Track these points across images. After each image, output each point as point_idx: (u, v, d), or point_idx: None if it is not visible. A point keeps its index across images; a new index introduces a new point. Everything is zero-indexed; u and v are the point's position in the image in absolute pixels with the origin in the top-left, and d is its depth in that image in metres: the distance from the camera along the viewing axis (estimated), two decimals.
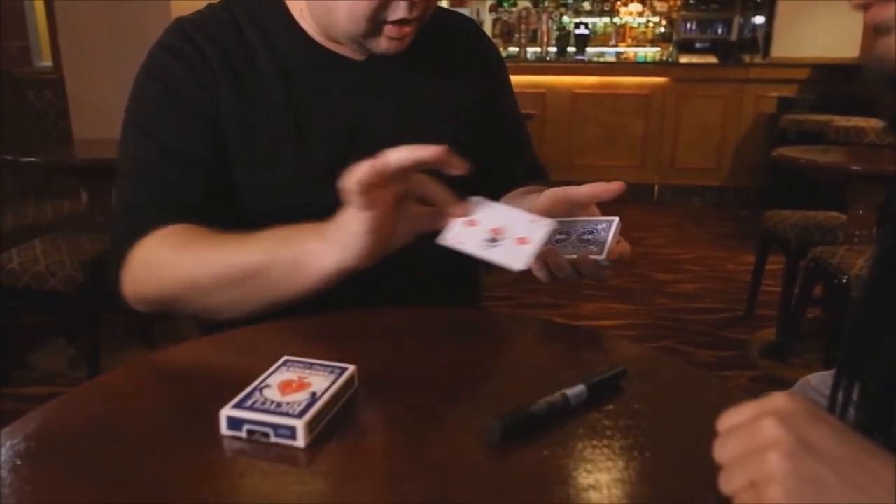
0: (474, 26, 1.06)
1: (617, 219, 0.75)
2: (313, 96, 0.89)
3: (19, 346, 2.52)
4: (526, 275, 0.72)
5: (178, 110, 0.85)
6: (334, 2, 0.82)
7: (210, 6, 0.92)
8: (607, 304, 3.06)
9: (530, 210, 0.71)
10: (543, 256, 0.72)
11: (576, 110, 5.23)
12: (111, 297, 0.85)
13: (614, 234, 0.73)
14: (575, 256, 0.72)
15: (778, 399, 0.44)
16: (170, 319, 2.59)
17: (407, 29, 0.84)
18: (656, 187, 5.24)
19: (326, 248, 0.68)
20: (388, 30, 0.83)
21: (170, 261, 0.78)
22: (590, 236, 0.74)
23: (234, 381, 0.57)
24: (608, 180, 0.78)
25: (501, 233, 0.67)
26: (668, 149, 5.18)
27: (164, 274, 0.78)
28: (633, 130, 5.18)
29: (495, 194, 1.03)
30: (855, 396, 0.68)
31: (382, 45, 0.85)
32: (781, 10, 5.05)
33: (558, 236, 0.74)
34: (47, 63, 3.82)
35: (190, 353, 0.72)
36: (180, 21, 0.90)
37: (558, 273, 0.74)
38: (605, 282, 0.72)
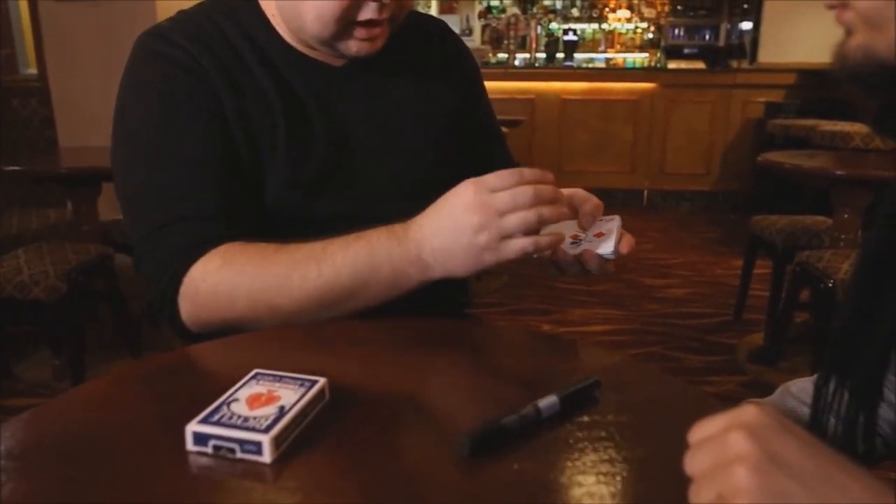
0: (448, 30, 1.05)
1: (618, 217, 0.80)
2: (300, 100, 0.87)
3: (5, 357, 2.49)
4: (515, 280, 0.75)
5: (192, 117, 0.81)
6: (302, 3, 0.80)
7: (182, 12, 0.89)
8: (596, 309, 3.06)
9: None
10: (552, 255, 0.76)
11: (565, 116, 5.24)
12: (92, 306, 0.83)
13: (618, 230, 0.78)
14: (580, 251, 0.76)
15: (748, 411, 0.44)
16: (156, 328, 2.57)
17: (377, 30, 0.82)
18: (646, 192, 5.26)
19: (432, 273, 0.71)
20: (358, 31, 0.82)
21: (243, 285, 0.74)
22: (583, 235, 0.79)
23: (209, 394, 0.56)
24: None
25: (579, 236, 0.78)
26: (657, 154, 5.19)
27: (237, 299, 0.74)
28: (623, 136, 5.20)
29: None
30: (837, 400, 0.68)
31: (353, 47, 0.83)
32: (768, 15, 5.08)
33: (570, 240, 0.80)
34: (33, 70, 3.79)
35: (167, 365, 0.71)
36: (156, 29, 0.86)
37: (567, 269, 0.76)
38: (610, 273, 0.77)
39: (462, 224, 0.68)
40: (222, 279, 0.75)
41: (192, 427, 0.53)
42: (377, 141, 0.90)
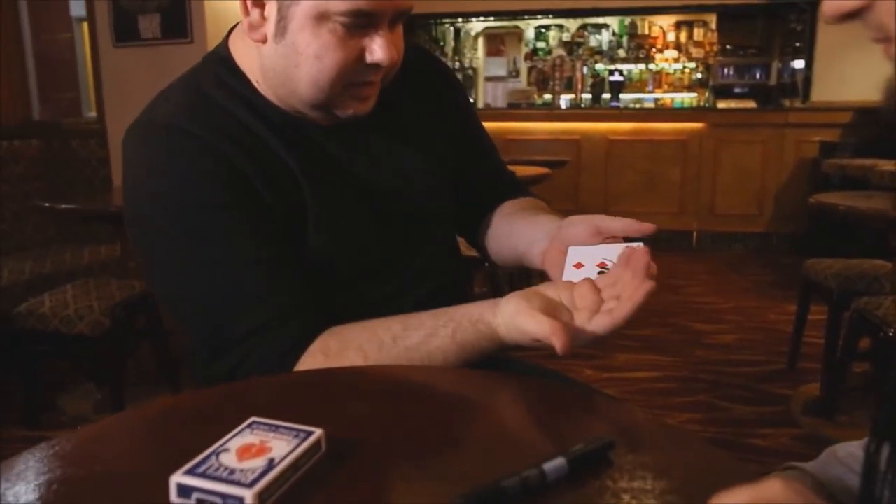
0: (427, 55, 1.02)
1: (640, 244, 0.75)
2: (311, 158, 0.84)
3: (52, 389, 2.55)
4: None
5: (234, 216, 0.77)
6: (295, 69, 0.77)
7: (171, 92, 0.83)
8: (641, 355, 2.95)
9: (569, 237, 0.81)
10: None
11: (612, 157, 5.19)
12: (134, 341, 0.82)
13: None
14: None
15: (773, 487, 0.39)
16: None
17: (370, 90, 0.81)
18: (695, 234, 5.13)
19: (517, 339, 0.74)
20: (354, 92, 0.79)
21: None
22: (609, 264, 0.76)
23: (213, 439, 0.54)
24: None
25: (606, 264, 0.76)
26: (706, 195, 5.08)
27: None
28: (671, 176, 5.11)
29: (482, 213, 1.03)
30: (892, 470, 0.61)
31: (349, 108, 0.81)
32: (821, 53, 4.96)
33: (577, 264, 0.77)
34: (94, 114, 3.97)
35: (173, 408, 0.69)
36: (152, 118, 0.80)
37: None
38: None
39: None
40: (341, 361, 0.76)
41: (177, 478, 0.50)
42: (396, 188, 0.89)
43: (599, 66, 6.03)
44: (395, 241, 0.88)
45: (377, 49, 0.76)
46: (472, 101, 5.87)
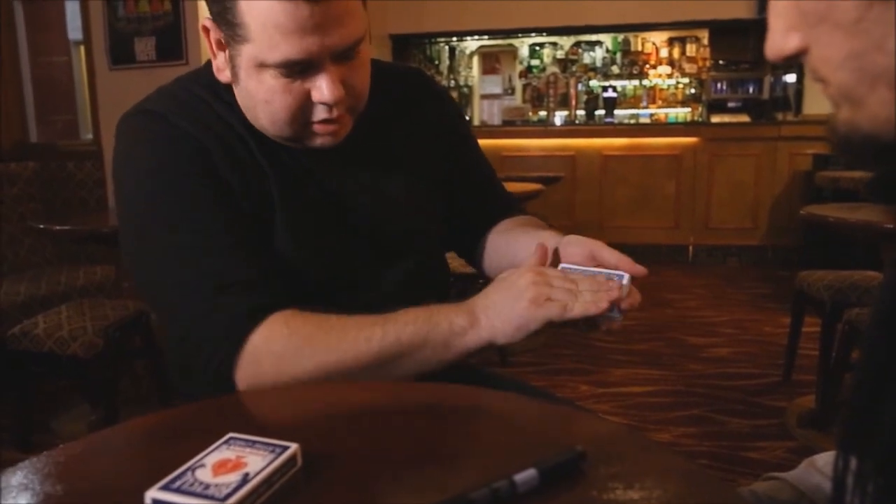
0: (423, 77, 1.03)
1: (628, 275, 0.76)
2: (289, 170, 0.86)
3: (45, 412, 2.54)
4: (552, 339, 0.75)
5: (213, 195, 0.80)
6: (254, 107, 0.80)
7: (164, 88, 0.88)
8: (636, 369, 2.95)
9: (565, 255, 0.82)
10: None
11: (607, 172, 5.21)
12: (129, 361, 0.82)
13: (625, 289, 0.75)
14: None
15: None
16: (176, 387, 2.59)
17: (333, 127, 0.81)
18: (691, 248, 5.14)
19: (481, 332, 0.74)
20: (316, 128, 0.81)
21: (310, 349, 0.76)
22: None
23: (190, 456, 0.54)
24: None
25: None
26: (701, 209, 5.10)
27: (304, 362, 0.76)
28: (665, 191, 5.13)
29: (476, 235, 1.04)
30: (861, 481, 0.61)
31: (317, 141, 0.82)
32: None
33: None
34: (90, 136, 3.99)
35: (158, 424, 0.69)
36: (142, 107, 0.84)
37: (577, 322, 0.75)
38: (617, 328, 0.75)
39: (514, 281, 0.75)
40: (289, 345, 0.76)
41: (152, 494, 0.51)
42: (368, 204, 0.90)
43: (593, 83, 6.07)
44: (364, 253, 0.89)
45: (321, 89, 0.77)
46: (468, 119, 5.91)
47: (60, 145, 3.89)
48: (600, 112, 5.88)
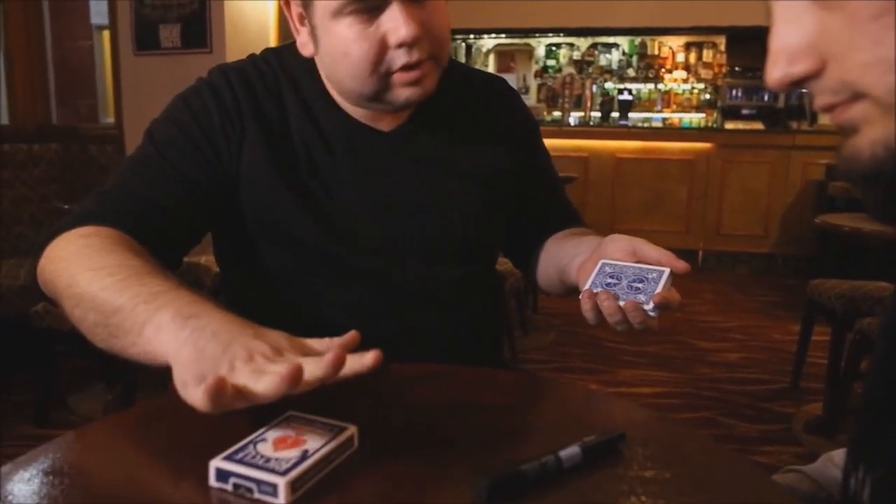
0: (504, 86, 1.03)
1: (668, 269, 0.76)
2: (340, 164, 0.88)
3: (62, 390, 2.59)
4: (562, 337, 0.75)
5: (194, 145, 0.85)
6: (336, 66, 0.82)
7: (252, 56, 0.93)
8: (645, 370, 2.98)
9: (606, 251, 0.81)
10: (596, 299, 0.75)
11: (619, 175, 5.23)
12: None
13: (664, 284, 0.74)
14: (623, 303, 0.74)
15: None
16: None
17: (416, 73, 0.80)
18: (700, 253, 5.16)
19: (166, 349, 0.61)
20: (398, 78, 0.80)
21: (71, 259, 0.72)
22: (640, 284, 0.76)
23: (245, 430, 0.57)
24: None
25: (638, 286, 0.76)
26: (712, 214, 5.11)
27: (60, 269, 0.72)
28: (677, 196, 5.15)
29: (536, 243, 1.04)
30: (864, 490, 0.60)
31: (401, 95, 0.81)
32: None
33: (609, 280, 0.77)
34: (111, 120, 4.04)
35: None
36: (226, 66, 0.92)
37: (609, 317, 0.75)
38: (653, 330, 0.74)
39: (231, 325, 0.61)
40: (66, 246, 0.74)
41: (216, 463, 0.54)
42: (420, 204, 0.91)
43: (609, 85, 6.09)
44: (395, 260, 0.90)
45: (396, 27, 0.76)
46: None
47: (82, 128, 3.93)
48: (615, 114, 5.89)
